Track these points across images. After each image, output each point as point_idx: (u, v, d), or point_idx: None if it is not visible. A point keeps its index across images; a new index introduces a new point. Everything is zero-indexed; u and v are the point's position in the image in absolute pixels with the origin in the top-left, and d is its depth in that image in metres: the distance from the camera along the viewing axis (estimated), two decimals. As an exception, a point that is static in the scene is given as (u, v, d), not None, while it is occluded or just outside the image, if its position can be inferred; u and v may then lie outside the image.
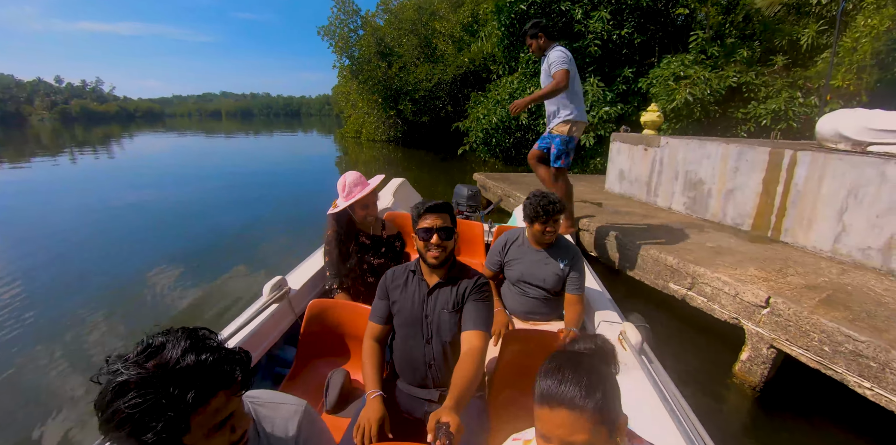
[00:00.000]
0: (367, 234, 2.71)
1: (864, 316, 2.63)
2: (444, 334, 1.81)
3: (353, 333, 2.33)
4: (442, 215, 1.81)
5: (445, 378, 1.81)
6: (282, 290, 2.52)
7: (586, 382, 0.93)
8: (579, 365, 0.97)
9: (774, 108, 8.30)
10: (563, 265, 2.56)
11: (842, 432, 2.69)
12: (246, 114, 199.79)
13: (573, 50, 11.11)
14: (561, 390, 0.93)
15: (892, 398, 2.28)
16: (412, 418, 1.86)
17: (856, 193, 3.49)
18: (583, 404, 0.92)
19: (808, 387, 2.98)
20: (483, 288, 1.82)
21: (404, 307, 1.87)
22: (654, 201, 5.79)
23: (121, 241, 6.68)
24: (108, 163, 17.71)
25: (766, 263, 3.52)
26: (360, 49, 21.29)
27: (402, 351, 1.89)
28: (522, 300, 2.67)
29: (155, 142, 30.69)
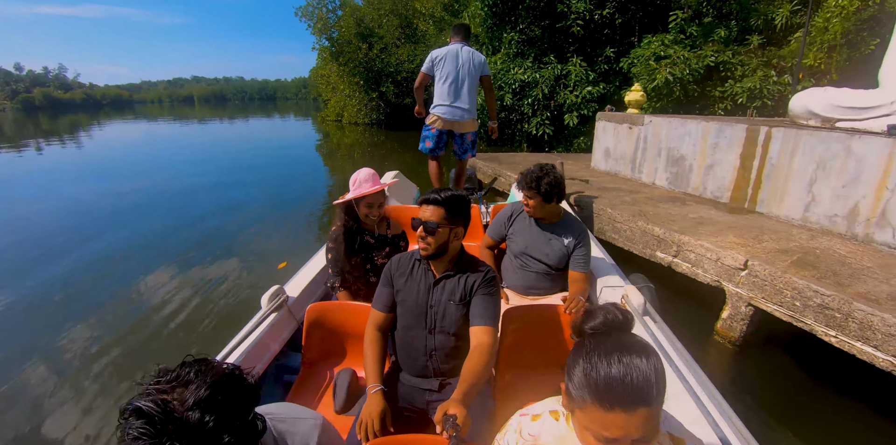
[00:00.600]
0: (371, 234, 2.68)
1: (829, 275, 2.96)
2: (449, 325, 1.80)
3: (354, 332, 2.33)
4: (435, 208, 1.76)
5: (446, 368, 1.84)
6: (280, 299, 2.51)
7: (654, 371, 0.85)
8: (633, 350, 0.87)
9: (750, 87, 8.64)
10: (567, 241, 2.55)
11: (811, 377, 3.06)
12: (220, 98, 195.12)
13: (556, 30, 11.31)
14: (633, 387, 0.83)
15: (854, 343, 2.63)
16: (414, 408, 1.86)
17: (824, 166, 3.82)
18: (657, 396, 0.85)
19: (780, 340, 3.34)
20: (492, 282, 1.81)
21: (409, 296, 1.85)
22: (638, 177, 6.10)
23: (87, 236, 6.36)
24: (76, 154, 17.21)
25: (743, 231, 3.85)
26: (340, 30, 21.03)
27: (404, 340, 1.89)
28: (523, 274, 2.66)
29: (125, 130, 29.60)
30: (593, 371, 0.86)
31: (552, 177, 2.47)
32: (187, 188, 9.69)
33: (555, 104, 11.27)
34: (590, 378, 0.86)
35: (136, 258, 5.49)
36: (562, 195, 2.55)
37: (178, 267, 5.22)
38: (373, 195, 2.52)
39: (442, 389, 1.83)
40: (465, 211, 1.81)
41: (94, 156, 15.98)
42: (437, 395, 1.82)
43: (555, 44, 11.72)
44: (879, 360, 2.51)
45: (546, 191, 2.45)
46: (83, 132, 27.63)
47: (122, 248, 5.86)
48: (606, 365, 0.85)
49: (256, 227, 6.72)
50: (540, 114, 11.34)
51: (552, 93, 11.14)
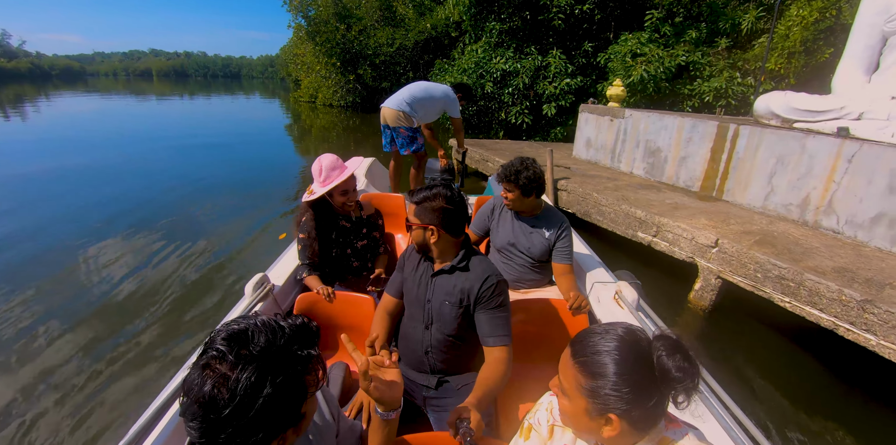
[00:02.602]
0: (347, 218, 2.59)
1: (785, 252, 3.54)
2: (445, 326, 1.75)
3: (347, 324, 2.25)
4: (411, 207, 1.75)
5: (443, 367, 1.80)
6: (265, 288, 2.37)
7: (614, 353, 0.92)
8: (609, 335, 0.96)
9: (716, 86, 9.31)
10: (548, 234, 2.54)
11: (770, 338, 3.66)
12: (180, 74, 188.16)
13: (538, 22, 11.74)
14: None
15: (804, 307, 3.21)
16: (412, 402, 1.84)
17: (782, 161, 4.40)
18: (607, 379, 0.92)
19: (743, 308, 3.93)
20: (495, 292, 1.71)
21: (411, 286, 1.84)
22: (617, 166, 6.64)
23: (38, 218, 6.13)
24: (20, 127, 16.40)
25: (713, 216, 4.41)
26: (316, 9, 20.85)
27: (405, 331, 1.88)
28: (508, 268, 2.65)
29: (75, 104, 27.95)
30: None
31: (532, 171, 2.45)
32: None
33: (534, 94, 11.74)
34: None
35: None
36: (541, 189, 2.53)
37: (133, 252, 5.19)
38: (345, 181, 2.40)
39: (439, 386, 1.80)
40: (436, 213, 1.70)
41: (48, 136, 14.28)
42: (434, 392, 1.80)
43: (536, 35, 12.15)
44: (824, 321, 3.10)
45: (525, 185, 2.43)
46: (29, 105, 25.91)
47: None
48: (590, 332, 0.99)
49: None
50: (520, 103, 11.80)
51: (532, 83, 11.60)
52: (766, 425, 2.75)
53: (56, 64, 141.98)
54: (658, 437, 0.96)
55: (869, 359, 2.99)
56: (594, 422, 0.94)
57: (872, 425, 2.82)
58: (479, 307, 1.70)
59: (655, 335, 0.95)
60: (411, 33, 18.96)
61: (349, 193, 2.45)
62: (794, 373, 3.29)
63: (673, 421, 0.99)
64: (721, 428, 1.50)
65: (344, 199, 2.45)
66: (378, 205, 2.90)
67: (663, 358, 0.89)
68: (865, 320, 2.86)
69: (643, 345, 0.92)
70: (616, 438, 0.95)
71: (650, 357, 0.90)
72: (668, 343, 0.91)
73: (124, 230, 5.74)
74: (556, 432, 1.15)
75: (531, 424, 1.22)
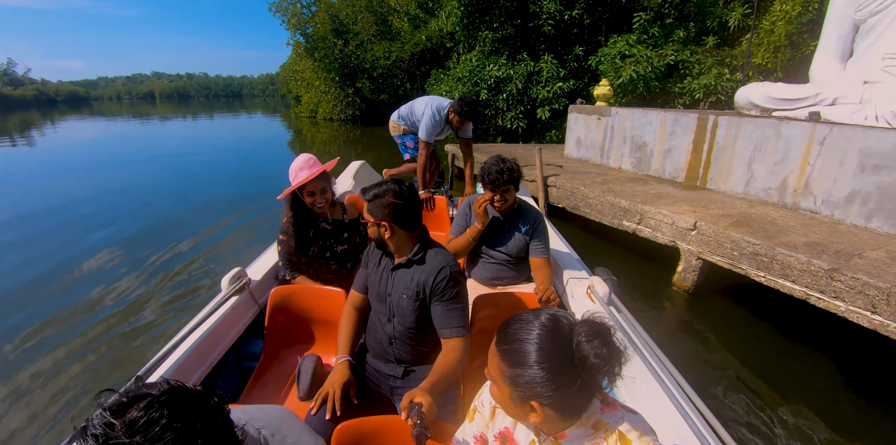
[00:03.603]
0: (327, 220, 2.53)
1: (760, 231, 3.68)
2: (405, 318, 1.77)
3: (319, 318, 2.29)
4: (368, 203, 1.75)
5: (409, 357, 1.83)
6: (241, 281, 2.40)
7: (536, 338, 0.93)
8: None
9: (706, 83, 9.49)
10: (524, 230, 2.54)
11: (750, 313, 3.79)
12: (182, 95, 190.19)
13: (529, 29, 12.02)
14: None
15: (777, 280, 3.34)
16: (379, 392, 1.88)
17: (760, 148, 4.56)
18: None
19: (723, 286, 4.07)
20: (448, 284, 1.70)
21: (373, 281, 1.87)
22: (606, 163, 6.81)
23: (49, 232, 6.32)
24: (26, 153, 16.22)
25: (694, 202, 4.56)
26: (314, 26, 21.38)
27: (371, 323, 1.91)
28: (486, 266, 2.65)
29: (79, 129, 27.75)
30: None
31: (511, 162, 2.43)
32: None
33: (528, 99, 11.98)
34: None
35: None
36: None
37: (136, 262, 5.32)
38: (312, 182, 2.36)
39: (406, 376, 1.83)
40: (387, 208, 1.70)
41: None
42: (401, 382, 1.83)
43: (527, 42, 12.44)
44: (796, 291, 3.23)
45: (516, 178, 2.41)
46: (35, 132, 25.64)
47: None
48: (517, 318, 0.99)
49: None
50: (514, 108, 12.03)
51: (525, 88, 11.84)
52: (721, 399, 2.88)
53: (61, 90, 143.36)
54: (592, 420, 0.97)
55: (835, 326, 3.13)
56: (520, 409, 0.96)
57: (835, 397, 2.95)
58: (434, 299, 1.71)
59: (581, 319, 0.94)
60: (407, 45, 19.37)
61: (315, 195, 2.39)
62: (771, 346, 3.42)
63: (610, 405, 0.99)
64: (675, 410, 1.51)
65: (311, 199, 2.40)
66: (363, 208, 2.80)
67: (582, 345, 0.88)
68: (834, 287, 2.99)
69: (565, 332, 0.92)
70: (543, 423, 0.97)
71: (570, 344, 0.90)
72: (589, 328, 0.90)
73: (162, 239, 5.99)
74: (498, 414, 1.18)
75: (476, 406, 1.25)
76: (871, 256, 3.15)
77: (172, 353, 1.91)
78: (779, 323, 3.63)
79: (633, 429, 0.95)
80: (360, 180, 4.46)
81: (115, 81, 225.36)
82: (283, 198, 2.46)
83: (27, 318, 3.97)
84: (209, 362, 2.08)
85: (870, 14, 4.68)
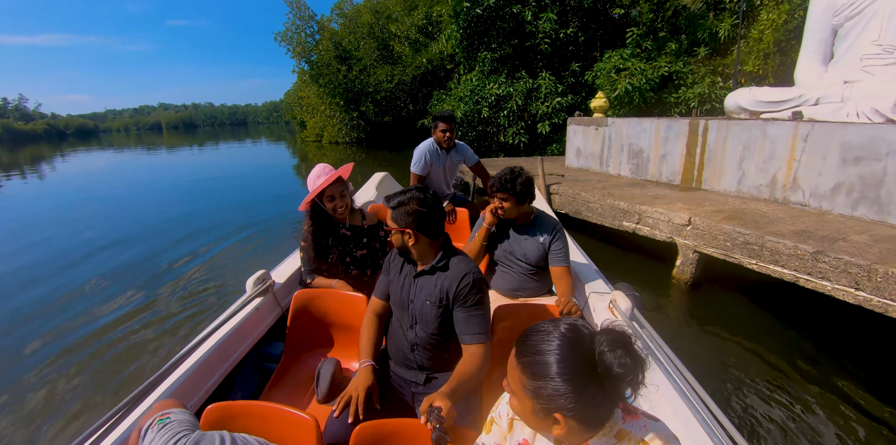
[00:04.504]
0: (346, 226, 2.61)
1: (751, 223, 3.91)
2: (428, 325, 1.78)
3: (340, 322, 2.30)
4: (393, 211, 1.77)
5: (430, 364, 1.83)
6: (265, 284, 2.45)
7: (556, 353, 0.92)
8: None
9: (700, 92, 9.81)
10: (542, 238, 2.55)
11: (746, 299, 3.99)
12: (189, 125, 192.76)
13: (526, 48, 12.46)
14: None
15: (768, 266, 3.56)
16: (401, 398, 1.89)
17: (748, 148, 4.82)
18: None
19: (719, 277, 4.28)
20: (472, 290, 1.73)
21: (395, 288, 1.87)
22: (606, 170, 7.08)
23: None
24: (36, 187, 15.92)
25: (690, 201, 4.81)
26: (318, 54, 22.02)
27: (393, 330, 1.92)
28: (508, 277, 2.66)
29: (88, 161, 27.83)
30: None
31: (524, 177, 2.46)
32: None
33: (528, 115, 12.34)
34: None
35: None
36: (533, 195, 2.55)
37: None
38: (330, 187, 2.45)
39: (428, 383, 1.84)
40: (411, 216, 1.73)
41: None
42: (423, 388, 1.84)
43: (525, 60, 12.86)
44: (786, 275, 3.45)
45: (521, 192, 2.44)
46: (46, 165, 25.66)
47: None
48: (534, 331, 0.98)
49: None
50: (515, 124, 12.39)
51: (525, 104, 12.21)
52: (729, 399, 3.08)
53: (70, 123, 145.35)
54: (614, 430, 0.95)
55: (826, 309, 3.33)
56: (543, 421, 0.94)
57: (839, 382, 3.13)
58: (456, 305, 1.72)
59: (601, 329, 0.93)
60: (409, 69, 19.92)
61: (335, 199, 2.47)
62: (764, 333, 3.62)
63: (632, 414, 0.97)
64: (693, 417, 1.52)
65: (332, 205, 2.48)
66: (385, 216, 2.85)
67: (605, 355, 0.87)
68: (820, 269, 3.21)
69: (586, 342, 0.91)
70: (567, 435, 0.95)
71: (592, 354, 0.89)
72: (611, 338, 0.89)
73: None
74: (516, 426, 1.16)
75: (493, 418, 1.23)
76: (855, 239, 3.37)
77: (196, 351, 1.98)
78: (773, 308, 3.84)
79: (656, 437, 0.94)
80: (382, 191, 4.54)
81: (122, 114, 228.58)
82: (305, 210, 2.53)
83: (69, 326, 4.28)
84: (230, 361, 2.16)
85: (846, 19, 4.99)
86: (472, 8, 11.98)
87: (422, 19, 19.09)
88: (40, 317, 4.57)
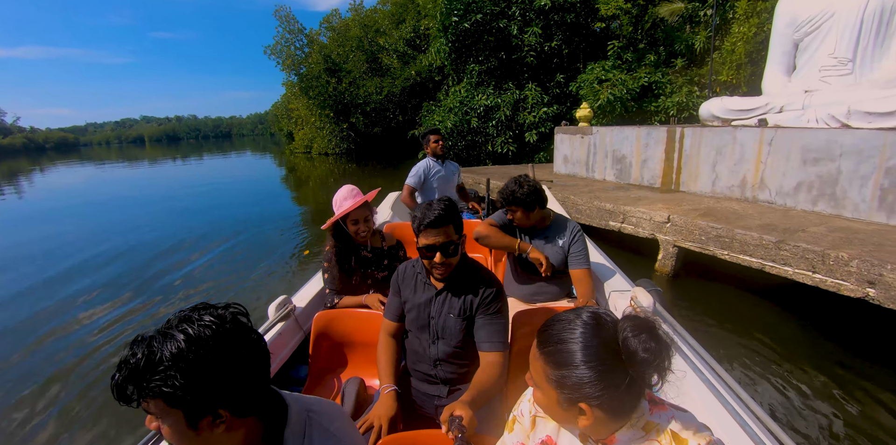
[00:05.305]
0: (367, 248, 2.60)
1: (723, 219, 4.36)
2: (451, 338, 1.78)
3: (362, 340, 2.30)
4: (445, 229, 1.68)
5: (453, 377, 1.84)
6: (286, 309, 2.47)
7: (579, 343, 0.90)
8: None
9: (678, 101, 10.36)
10: (562, 242, 2.54)
11: (720, 287, 4.42)
12: (172, 138, 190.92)
13: (513, 60, 12.99)
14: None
15: (738, 255, 4.00)
16: (423, 414, 1.89)
17: (721, 152, 5.29)
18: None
19: (697, 267, 4.71)
20: (493, 299, 1.75)
21: (413, 307, 1.85)
22: (592, 176, 7.54)
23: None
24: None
25: (669, 202, 5.26)
26: (308, 66, 22.41)
27: (412, 347, 1.90)
28: (526, 282, 2.66)
29: (66, 176, 26.86)
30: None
31: (526, 186, 2.45)
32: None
33: (516, 124, 12.84)
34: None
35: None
36: (543, 201, 2.53)
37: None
38: (356, 210, 2.43)
39: (450, 395, 1.84)
40: (461, 218, 1.78)
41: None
42: (446, 401, 1.83)
43: (512, 72, 13.40)
44: (754, 263, 3.89)
45: (527, 201, 2.45)
46: (24, 179, 24.89)
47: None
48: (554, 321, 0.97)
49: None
50: (503, 133, 12.88)
51: (513, 115, 12.72)
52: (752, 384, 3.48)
53: (50, 137, 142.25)
54: (642, 422, 0.93)
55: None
56: (568, 412, 0.93)
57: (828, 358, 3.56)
58: (478, 313, 1.74)
59: (623, 316, 0.92)
60: (398, 80, 20.42)
61: (359, 223, 2.46)
62: (747, 312, 4.04)
63: (659, 404, 0.96)
64: (720, 405, 1.52)
65: (355, 228, 2.47)
66: (401, 235, 2.93)
67: (629, 340, 0.86)
68: (782, 256, 3.65)
69: (608, 328, 0.90)
70: (593, 427, 0.93)
71: (616, 340, 0.88)
72: (635, 323, 0.88)
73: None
74: (539, 423, 1.14)
75: (515, 416, 1.22)
76: (813, 231, 3.83)
77: None
78: (746, 293, 4.27)
79: (685, 428, 0.92)
80: (397, 211, 4.59)
81: (103, 127, 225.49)
82: (327, 229, 2.52)
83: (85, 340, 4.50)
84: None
85: (805, 34, 5.52)
86: (460, 22, 12.50)
87: (409, 32, 19.66)
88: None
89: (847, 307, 3.66)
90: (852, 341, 3.48)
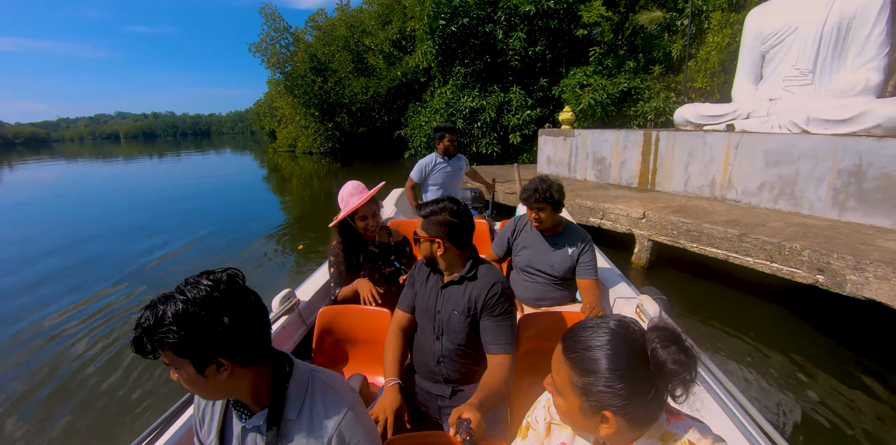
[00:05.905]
0: (374, 243, 2.59)
1: (693, 215, 4.76)
2: (455, 335, 1.77)
3: (365, 337, 2.28)
4: (420, 221, 1.78)
5: (456, 376, 1.82)
6: (290, 302, 2.46)
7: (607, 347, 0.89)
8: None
9: (656, 106, 10.85)
10: (571, 250, 2.52)
11: (689, 276, 4.82)
12: (148, 135, 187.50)
13: (498, 64, 13.37)
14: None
15: (706, 248, 4.40)
16: (427, 412, 1.89)
17: (692, 154, 5.71)
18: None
19: (670, 260, 5.11)
20: (500, 300, 1.72)
21: (422, 299, 1.86)
22: (574, 176, 7.94)
23: None
24: None
25: (645, 200, 5.66)
26: (293, 65, 22.56)
27: (418, 343, 1.90)
28: (530, 286, 2.64)
29: (37, 172, 26.38)
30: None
31: (557, 185, 2.46)
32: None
33: (500, 126, 13.23)
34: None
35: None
36: (563, 204, 2.55)
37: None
38: (364, 206, 2.44)
39: (454, 396, 1.83)
40: (442, 226, 1.74)
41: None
42: (449, 402, 1.81)
43: (497, 75, 13.79)
44: (720, 255, 4.29)
45: (558, 200, 2.44)
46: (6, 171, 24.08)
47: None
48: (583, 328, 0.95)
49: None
50: (488, 135, 13.26)
51: (497, 117, 13.11)
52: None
53: (20, 132, 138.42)
54: (660, 432, 0.93)
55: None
56: (590, 420, 0.91)
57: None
58: (484, 314, 1.71)
59: (650, 326, 0.92)
60: (384, 81, 20.66)
61: (367, 219, 2.46)
62: (714, 297, 4.44)
63: (676, 415, 0.96)
64: (727, 418, 1.52)
65: (364, 224, 2.47)
66: (406, 231, 2.88)
67: (658, 351, 0.86)
68: (744, 247, 4.06)
69: (636, 337, 0.90)
70: (614, 435, 0.92)
71: (644, 349, 0.88)
72: (664, 334, 0.89)
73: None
74: (554, 430, 1.13)
75: (529, 423, 1.20)
76: (772, 225, 4.24)
77: None
78: (713, 281, 4.68)
79: (703, 438, 0.92)
80: (401, 207, 4.68)
81: (77, 122, 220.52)
82: (335, 226, 2.53)
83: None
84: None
85: (771, 46, 5.96)
86: (447, 25, 12.83)
87: (396, 34, 19.94)
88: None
89: (806, 291, 4.08)
90: (818, 321, 3.89)
